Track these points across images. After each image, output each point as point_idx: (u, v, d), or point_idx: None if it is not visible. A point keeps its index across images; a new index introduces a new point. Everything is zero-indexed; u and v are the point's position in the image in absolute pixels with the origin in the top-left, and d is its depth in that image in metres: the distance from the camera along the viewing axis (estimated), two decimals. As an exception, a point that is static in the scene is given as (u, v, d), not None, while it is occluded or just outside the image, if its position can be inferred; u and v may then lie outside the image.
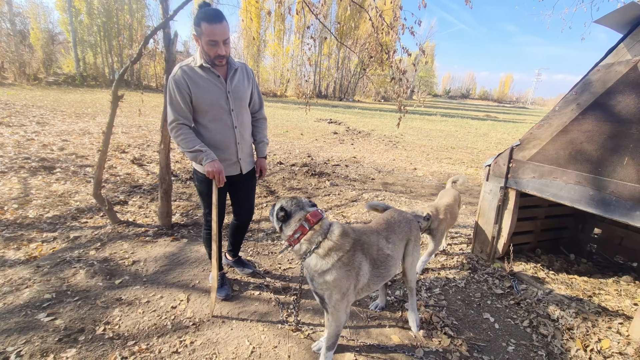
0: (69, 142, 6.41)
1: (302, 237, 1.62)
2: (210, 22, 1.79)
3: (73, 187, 4.32)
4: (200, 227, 3.50)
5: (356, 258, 1.66)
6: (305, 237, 1.62)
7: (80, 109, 11.02)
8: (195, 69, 1.96)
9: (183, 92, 1.94)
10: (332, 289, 1.61)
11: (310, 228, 1.62)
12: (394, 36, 3.75)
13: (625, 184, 2.09)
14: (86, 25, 23.00)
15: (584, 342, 2.06)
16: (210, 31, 1.80)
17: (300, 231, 1.63)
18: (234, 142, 2.12)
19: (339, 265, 1.60)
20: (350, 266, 1.63)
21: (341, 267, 1.61)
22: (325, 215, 1.74)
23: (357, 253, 1.67)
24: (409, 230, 1.99)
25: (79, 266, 2.58)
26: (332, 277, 1.60)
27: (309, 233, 1.62)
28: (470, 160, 8.53)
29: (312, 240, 1.62)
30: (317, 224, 1.64)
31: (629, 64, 2.11)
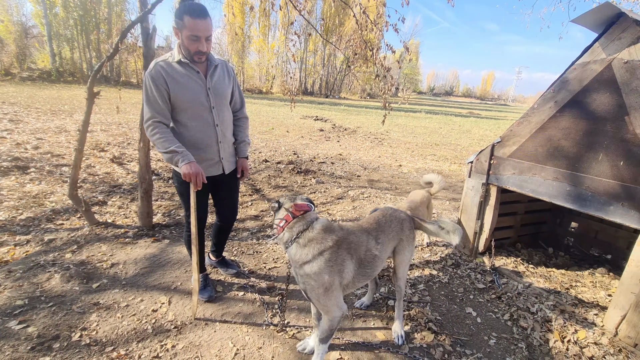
0: (44, 141, 6.15)
1: (285, 225, 1.66)
2: (194, 17, 1.72)
3: (48, 187, 4.15)
4: (182, 227, 3.43)
5: (340, 255, 1.64)
6: (288, 225, 1.65)
7: (57, 105, 10.59)
8: (173, 64, 1.88)
9: (160, 89, 1.86)
10: (312, 282, 1.60)
11: (294, 217, 1.65)
12: (378, 33, 3.75)
13: (600, 179, 2.15)
14: (62, 18, 22.10)
15: (562, 333, 2.12)
16: (193, 26, 1.74)
17: (285, 219, 1.67)
18: (215, 141, 2.05)
19: (321, 259, 1.60)
20: (332, 262, 1.61)
21: (323, 261, 1.60)
22: (314, 209, 1.74)
23: (342, 251, 1.65)
24: (400, 229, 1.97)
25: (54, 270, 2.48)
26: (311, 270, 1.59)
27: (292, 222, 1.65)
28: (453, 157, 8.67)
29: (294, 229, 1.64)
30: (302, 215, 1.66)
31: (603, 62, 2.16)
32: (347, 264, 1.67)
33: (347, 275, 1.67)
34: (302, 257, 1.61)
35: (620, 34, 2.09)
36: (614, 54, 2.11)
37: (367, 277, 1.80)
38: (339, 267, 1.63)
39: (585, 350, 2.00)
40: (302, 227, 1.64)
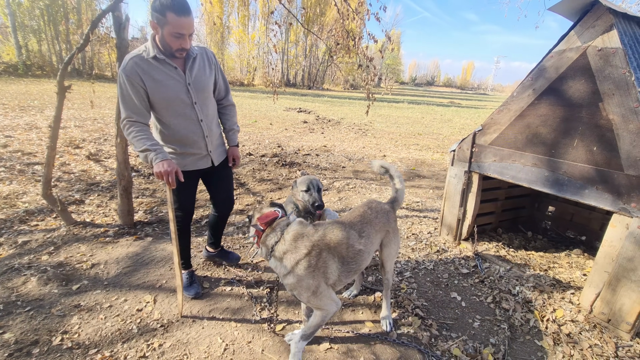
0: (14, 138, 5.83)
1: (259, 240, 1.61)
2: (178, 14, 1.63)
3: (20, 187, 3.95)
4: (165, 224, 3.35)
5: (320, 259, 1.58)
6: (261, 240, 1.61)
7: (25, 101, 10.05)
8: (149, 60, 1.78)
9: (136, 86, 1.77)
10: (298, 289, 1.58)
11: (263, 230, 1.61)
12: (359, 22, 3.72)
13: (575, 164, 2.23)
14: (26, 8, 20.81)
15: (541, 313, 2.21)
16: (177, 23, 1.65)
17: (256, 235, 1.62)
18: (201, 136, 2.00)
19: (299, 268, 1.55)
20: (312, 267, 1.56)
21: (302, 269, 1.55)
22: (283, 214, 1.67)
23: (322, 253, 1.59)
24: (386, 221, 1.95)
25: (30, 273, 2.38)
26: (294, 280, 1.56)
27: (263, 235, 1.61)
28: (436, 146, 8.81)
29: (268, 242, 1.60)
30: (269, 225, 1.61)
31: (579, 50, 2.22)
32: (329, 265, 1.62)
33: (331, 275, 1.63)
34: (281, 270, 1.59)
35: (594, 22, 2.14)
36: (588, 42, 2.17)
37: (355, 272, 1.75)
38: (321, 270, 1.59)
39: (563, 328, 2.09)
40: (274, 238, 1.59)
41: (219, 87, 2.11)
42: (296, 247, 1.57)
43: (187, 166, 2.04)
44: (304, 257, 1.55)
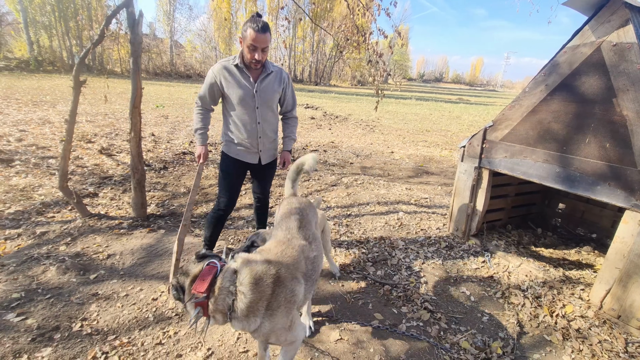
0: (28, 133, 5.96)
1: (206, 312, 1.22)
2: (255, 30, 2.01)
3: (36, 180, 4.05)
4: (177, 218, 3.41)
5: (288, 289, 1.33)
6: (210, 310, 1.21)
7: (38, 96, 10.23)
8: (231, 67, 2.20)
9: (214, 82, 2.22)
10: (275, 334, 1.33)
11: (208, 297, 1.20)
12: (369, 18, 3.71)
13: (588, 160, 2.22)
14: (38, 4, 21.08)
15: (551, 308, 2.22)
16: (253, 37, 2.02)
17: (199, 307, 1.20)
18: (255, 135, 2.34)
19: (272, 312, 1.28)
20: (285, 303, 1.32)
21: (275, 312, 1.29)
22: (219, 261, 1.29)
23: (286, 282, 1.33)
24: (314, 212, 1.82)
25: (49, 263, 2.45)
26: (269, 327, 1.29)
27: (210, 304, 1.20)
28: (444, 143, 8.76)
29: (220, 308, 1.21)
30: (212, 287, 1.21)
31: (593, 45, 2.20)
32: (297, 290, 1.37)
33: (299, 298, 1.40)
34: (251, 326, 1.27)
35: (610, 16, 2.12)
36: (603, 37, 2.15)
37: (315, 281, 1.59)
38: (293, 300, 1.35)
39: (572, 323, 2.10)
40: (228, 299, 1.22)
41: (286, 102, 2.47)
42: (260, 292, 1.25)
43: (238, 155, 2.39)
44: (272, 297, 1.28)
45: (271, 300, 1.28)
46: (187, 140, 6.63)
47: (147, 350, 1.79)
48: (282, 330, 1.34)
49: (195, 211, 3.62)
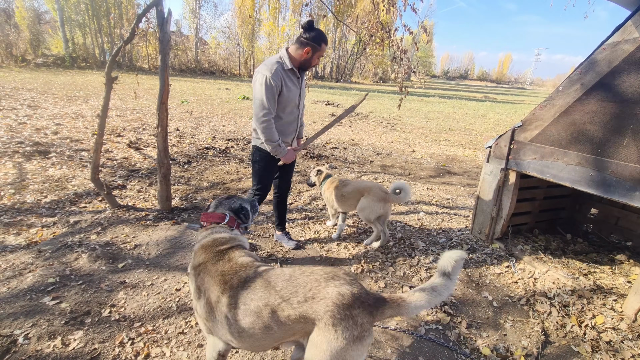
0: (63, 126, 6.29)
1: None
2: (326, 44, 2.34)
3: (70, 171, 4.27)
4: (199, 211, 3.51)
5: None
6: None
7: (72, 91, 10.76)
8: (287, 70, 2.32)
9: (276, 87, 2.24)
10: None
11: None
12: (395, 13, 3.64)
13: (625, 164, 2.10)
14: (73, 3, 22.13)
15: (579, 318, 2.12)
16: (324, 50, 2.34)
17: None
18: (295, 131, 2.56)
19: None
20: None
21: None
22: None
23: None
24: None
25: (81, 250, 2.59)
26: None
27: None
28: (468, 142, 8.52)
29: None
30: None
31: (636, 42, 2.07)
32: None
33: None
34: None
35: (656, 10, 1.98)
36: (647, 33, 2.01)
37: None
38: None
39: (602, 335, 2.00)
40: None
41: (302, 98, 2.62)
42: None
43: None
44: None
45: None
46: (210, 136, 6.79)
47: (170, 338, 1.86)
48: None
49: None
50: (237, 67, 31.98)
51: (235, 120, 8.84)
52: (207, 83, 19.82)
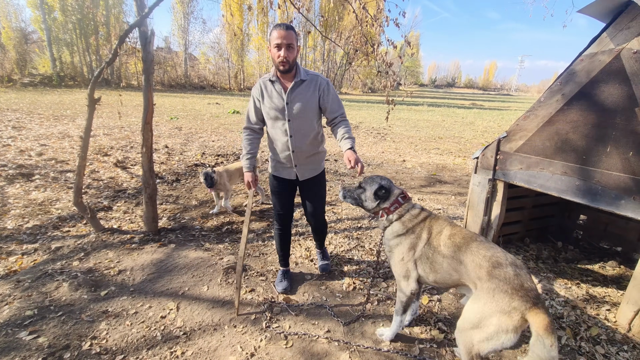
0: (48, 147, 6.18)
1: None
2: (276, 28, 2.00)
3: (54, 194, 4.17)
4: (187, 231, 3.43)
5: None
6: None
7: (59, 110, 10.64)
8: (267, 82, 2.18)
9: (253, 101, 2.24)
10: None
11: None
12: (378, 29, 3.70)
13: (610, 173, 2.11)
14: (61, 22, 22.13)
15: (574, 330, 2.09)
16: (276, 35, 1.98)
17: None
18: (287, 148, 2.24)
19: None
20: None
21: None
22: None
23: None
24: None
25: (62, 279, 2.49)
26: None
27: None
28: (457, 150, 8.60)
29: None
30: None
31: (612, 53, 2.11)
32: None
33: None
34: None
35: (629, 22, 2.03)
36: (622, 44, 2.06)
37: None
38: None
39: (598, 348, 1.97)
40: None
41: (329, 108, 2.23)
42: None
43: (279, 172, 2.37)
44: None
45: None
46: (200, 152, 6.73)
47: (154, 371, 1.77)
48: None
49: (205, 224, 3.63)
50: (227, 82, 32.15)
51: (225, 135, 8.80)
52: (197, 98, 19.83)
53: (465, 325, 1.54)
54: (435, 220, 1.84)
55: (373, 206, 1.95)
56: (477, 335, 1.48)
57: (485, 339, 1.46)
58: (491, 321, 1.44)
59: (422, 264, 1.79)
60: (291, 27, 2.02)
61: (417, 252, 1.81)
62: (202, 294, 2.43)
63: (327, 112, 2.25)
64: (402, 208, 1.89)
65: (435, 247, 1.75)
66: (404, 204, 1.90)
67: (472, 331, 1.50)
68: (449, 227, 1.78)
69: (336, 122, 2.24)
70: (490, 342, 1.46)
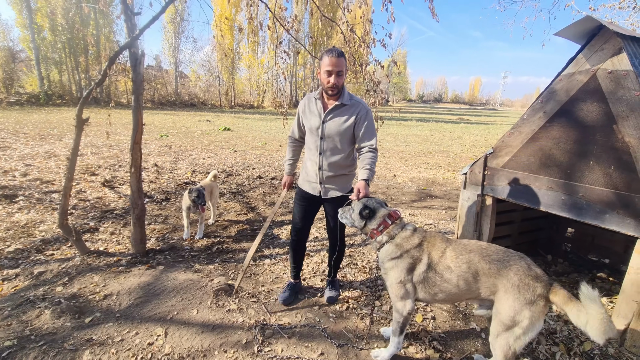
0: (33, 167, 6.05)
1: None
2: (328, 54, 2.10)
3: (38, 215, 4.05)
4: (177, 251, 3.36)
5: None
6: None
7: (46, 129, 10.49)
8: (312, 98, 2.34)
9: (299, 113, 2.42)
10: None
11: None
12: (365, 49, 3.80)
13: (593, 187, 2.17)
14: (50, 42, 22.10)
15: (567, 345, 2.09)
16: (328, 63, 2.09)
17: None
18: (316, 164, 2.34)
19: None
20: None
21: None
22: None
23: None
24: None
25: (44, 306, 2.39)
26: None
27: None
28: (447, 164, 8.74)
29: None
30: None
31: (588, 73, 2.21)
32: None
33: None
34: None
35: (603, 44, 2.14)
36: (597, 65, 2.16)
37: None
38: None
39: (592, 363, 1.97)
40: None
41: (361, 136, 2.26)
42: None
43: (304, 186, 2.46)
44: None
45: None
46: (190, 170, 6.68)
47: (140, 403, 1.69)
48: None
49: (195, 244, 3.57)
50: (218, 99, 32.33)
51: (215, 153, 8.78)
52: (188, 115, 19.84)
53: (500, 329, 1.61)
54: (432, 243, 1.84)
55: (361, 226, 1.98)
56: (513, 334, 1.57)
57: (521, 334, 1.57)
58: (524, 314, 1.54)
59: (428, 287, 1.80)
60: (342, 53, 2.12)
61: (416, 276, 1.81)
62: (192, 318, 2.35)
63: (359, 140, 2.31)
64: (391, 229, 1.89)
65: (442, 270, 1.75)
66: (392, 225, 1.90)
67: (507, 332, 1.59)
68: (449, 246, 1.80)
69: (364, 151, 2.27)
70: (526, 335, 1.57)
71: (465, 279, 1.70)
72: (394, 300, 1.90)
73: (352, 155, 2.38)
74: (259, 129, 14.75)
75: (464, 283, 1.70)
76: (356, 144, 2.35)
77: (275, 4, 4.09)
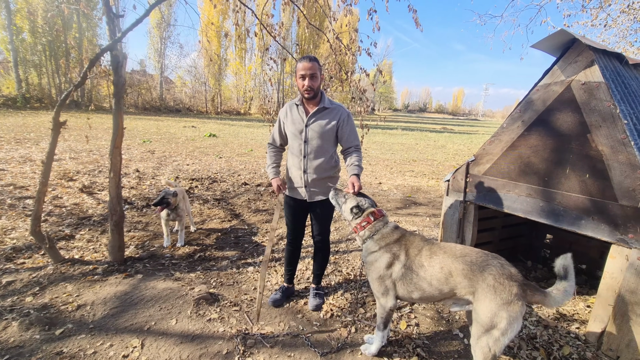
0: (7, 172, 5.79)
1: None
2: (301, 60, 2.22)
3: (9, 222, 3.86)
4: (157, 260, 3.26)
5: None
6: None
7: (22, 133, 10.09)
8: (293, 105, 2.41)
9: (279, 121, 2.47)
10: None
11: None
12: (351, 58, 3.85)
13: (569, 194, 2.24)
14: (29, 44, 21.45)
15: (547, 350, 2.12)
16: (300, 67, 2.21)
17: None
18: (300, 168, 2.39)
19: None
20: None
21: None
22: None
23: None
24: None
25: (12, 317, 2.26)
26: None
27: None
28: (431, 172, 8.88)
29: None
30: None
31: (563, 84, 2.30)
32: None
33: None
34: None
35: (576, 57, 2.23)
36: (572, 76, 2.25)
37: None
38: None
39: (571, 367, 2.00)
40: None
41: (345, 139, 2.40)
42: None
43: (291, 192, 2.49)
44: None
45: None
46: (173, 176, 6.54)
47: (112, 419, 1.61)
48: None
49: (176, 252, 3.47)
50: (204, 105, 32.02)
51: (200, 159, 8.64)
52: (172, 121, 19.54)
53: (479, 332, 1.62)
54: (411, 241, 1.92)
55: (349, 219, 2.09)
56: (492, 337, 1.58)
57: (500, 336, 1.57)
58: (501, 316, 1.55)
59: (405, 285, 1.85)
60: (314, 58, 2.24)
61: (395, 273, 1.86)
62: (170, 328, 2.27)
63: (343, 142, 2.41)
64: (373, 225, 1.97)
65: (417, 268, 1.81)
66: (375, 222, 1.97)
67: (486, 335, 1.59)
68: (426, 245, 1.86)
69: (349, 151, 2.40)
70: (505, 337, 1.58)
71: (438, 278, 1.74)
72: (376, 296, 1.97)
73: (334, 157, 2.46)
74: (245, 135, 14.65)
75: (437, 282, 1.74)
76: (341, 146, 2.44)
77: (262, 11, 4.11)
